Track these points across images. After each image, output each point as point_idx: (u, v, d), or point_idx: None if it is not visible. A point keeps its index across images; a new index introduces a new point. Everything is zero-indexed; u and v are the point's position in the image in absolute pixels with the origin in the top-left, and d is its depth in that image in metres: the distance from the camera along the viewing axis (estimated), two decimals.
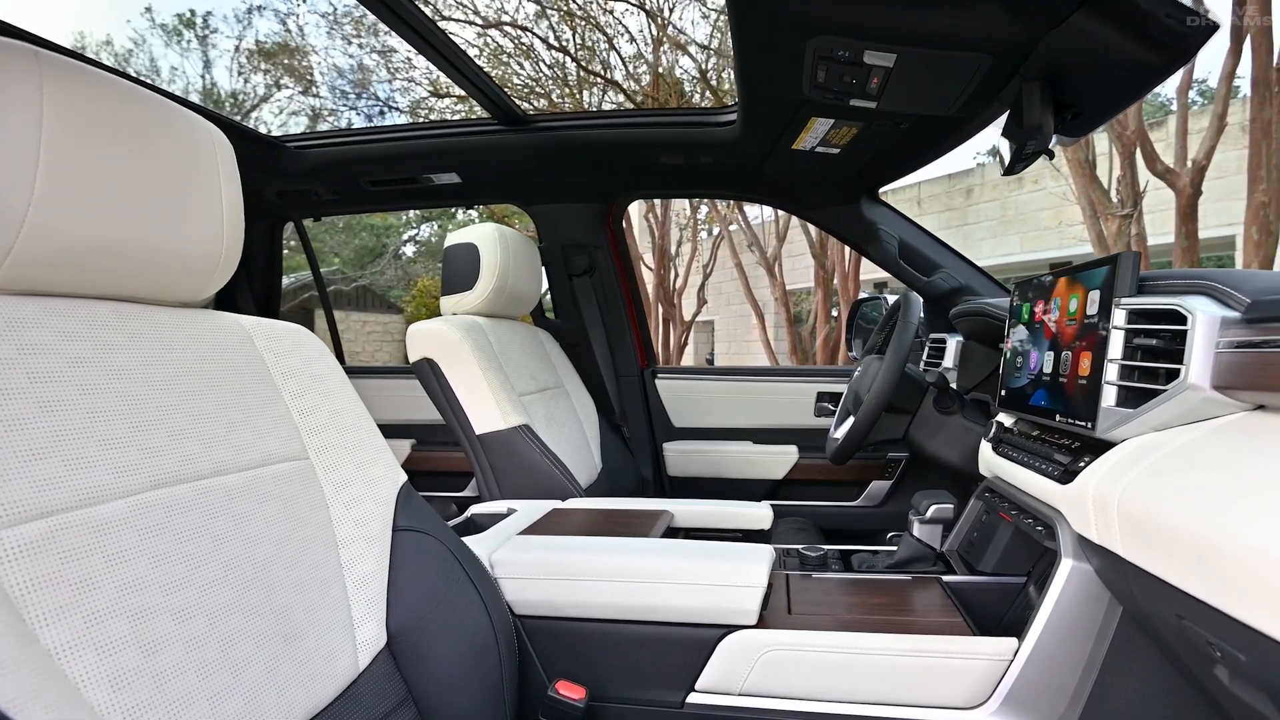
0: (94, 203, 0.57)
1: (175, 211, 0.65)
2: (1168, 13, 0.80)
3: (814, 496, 1.98)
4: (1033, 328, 1.04)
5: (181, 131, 0.66)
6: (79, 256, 0.58)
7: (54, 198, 0.54)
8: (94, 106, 0.58)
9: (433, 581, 0.83)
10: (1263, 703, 0.56)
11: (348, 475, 0.81)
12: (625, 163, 1.80)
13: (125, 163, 0.60)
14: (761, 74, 1.15)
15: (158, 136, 0.63)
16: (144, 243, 0.62)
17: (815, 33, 0.97)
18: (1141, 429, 0.75)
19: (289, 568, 0.69)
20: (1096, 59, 0.93)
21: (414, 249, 18.79)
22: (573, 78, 8.34)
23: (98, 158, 0.57)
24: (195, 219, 0.67)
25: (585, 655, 0.91)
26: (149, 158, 0.62)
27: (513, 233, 1.66)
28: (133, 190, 0.61)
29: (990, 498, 1.10)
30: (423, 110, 8.99)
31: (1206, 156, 4.17)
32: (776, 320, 11.11)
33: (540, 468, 1.42)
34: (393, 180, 1.90)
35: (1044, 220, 9.19)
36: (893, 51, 0.98)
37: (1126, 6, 0.82)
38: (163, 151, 0.64)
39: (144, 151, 0.62)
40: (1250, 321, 0.66)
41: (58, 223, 0.55)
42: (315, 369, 0.83)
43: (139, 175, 0.61)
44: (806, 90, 1.15)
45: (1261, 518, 0.52)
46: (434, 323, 1.48)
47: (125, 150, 0.60)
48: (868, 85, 1.09)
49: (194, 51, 12.72)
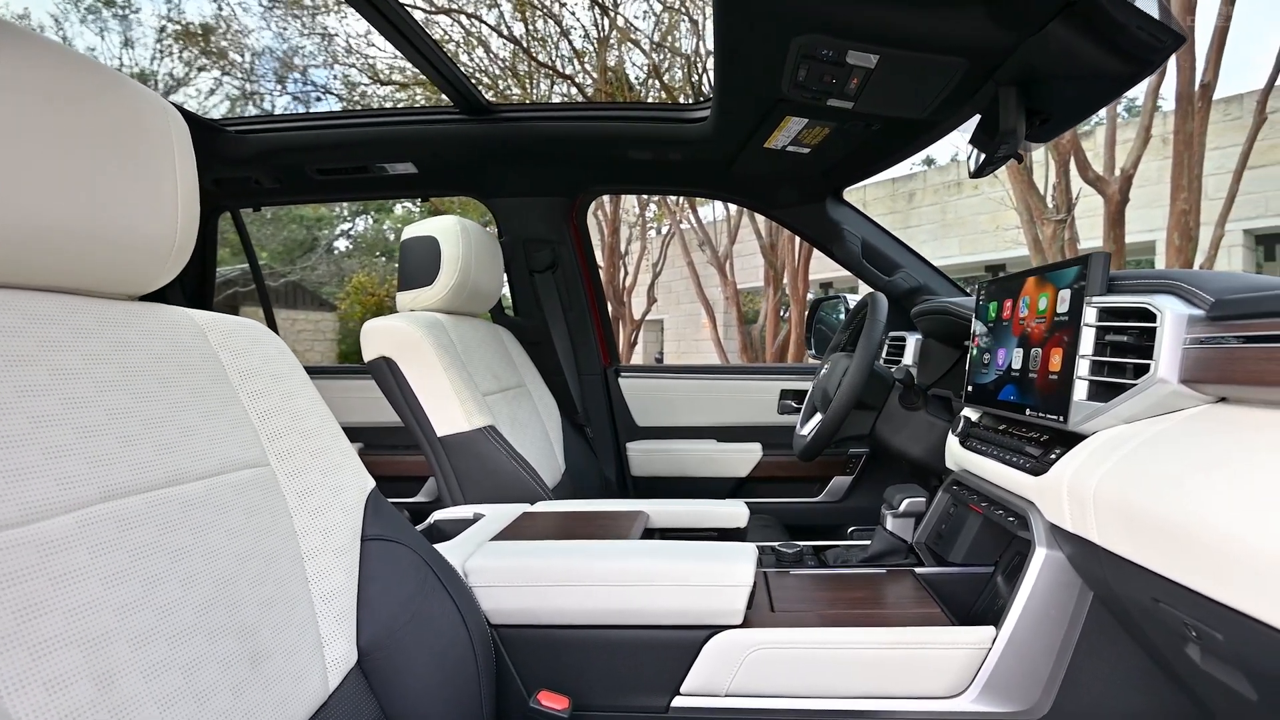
0: (34, 182, 0.52)
1: (126, 193, 0.60)
2: (1139, 25, 0.84)
3: (777, 493, 2.00)
4: (1000, 325, 1.08)
5: (132, 105, 0.61)
6: (18, 242, 0.52)
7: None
8: (34, 73, 0.52)
9: (406, 593, 0.79)
10: (1236, 679, 0.59)
11: (312, 482, 0.76)
12: (592, 157, 1.78)
13: (69, 138, 0.55)
14: (742, 70, 1.15)
15: (106, 110, 0.58)
16: (91, 227, 0.57)
17: (802, 30, 0.98)
18: (1112, 421, 0.78)
19: (253, 583, 0.64)
20: (1068, 67, 0.97)
21: (348, 243, 18.23)
22: (523, 69, 8.24)
23: (37, 130, 0.52)
24: (147, 202, 0.62)
25: (567, 664, 0.89)
26: (96, 133, 0.57)
27: (474, 226, 1.62)
28: (78, 168, 0.55)
29: (958, 490, 1.14)
30: (360, 97, 8.72)
31: (1134, 166, 4.44)
32: (727, 319, 11.24)
33: (507, 470, 1.39)
34: (343, 169, 1.83)
35: (982, 224, 9.61)
36: (875, 52, 1.00)
37: (1101, 17, 0.86)
38: (111, 127, 0.58)
39: (90, 125, 0.57)
40: (1214, 319, 0.69)
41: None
42: (275, 368, 0.78)
43: (85, 152, 0.56)
44: (785, 88, 1.16)
45: (1236, 504, 0.55)
46: (392, 319, 1.43)
47: (69, 123, 0.55)
48: (847, 85, 1.11)
49: (113, 30, 11.97)
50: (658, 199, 10.83)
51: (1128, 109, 7.93)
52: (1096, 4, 0.83)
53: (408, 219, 17.33)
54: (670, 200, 9.85)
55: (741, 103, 1.31)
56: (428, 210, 10.41)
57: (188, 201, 0.66)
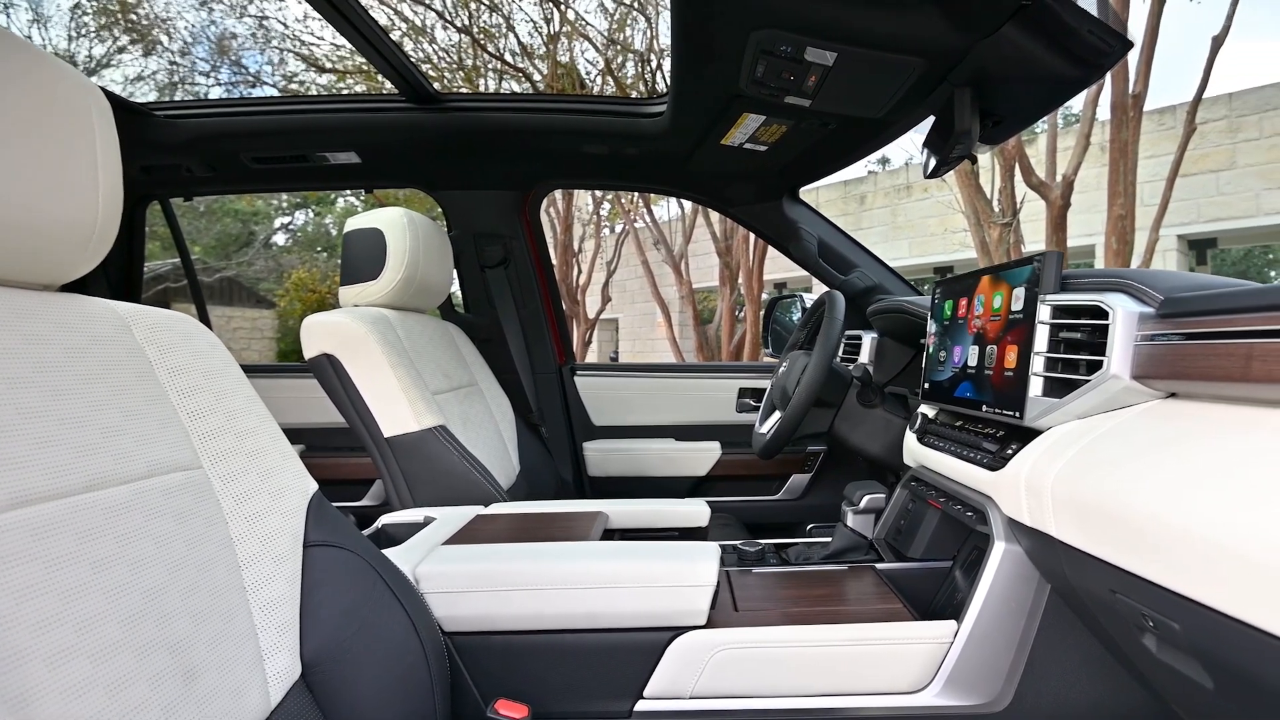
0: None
1: (40, 175, 0.55)
2: (1090, 29, 0.87)
3: (736, 492, 2.02)
4: (955, 324, 1.10)
5: (48, 81, 0.56)
6: None
7: None
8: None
9: (352, 601, 0.76)
10: (1192, 667, 0.61)
11: (249, 486, 0.73)
12: (545, 150, 1.75)
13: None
14: (700, 65, 1.14)
15: (16, 83, 0.54)
16: (3, 211, 0.53)
17: (761, 25, 0.98)
18: (1066, 417, 0.81)
19: (186, 594, 0.60)
20: (1021, 69, 1.00)
21: (287, 238, 17.64)
22: (469, 63, 8.11)
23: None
24: (65, 186, 0.58)
25: (525, 670, 0.87)
26: (5, 108, 0.53)
27: (422, 218, 1.57)
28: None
29: (916, 486, 1.16)
30: (298, 86, 8.44)
31: (1074, 172, 4.64)
32: (682, 319, 11.31)
33: (459, 471, 1.35)
34: (281, 158, 1.75)
35: (931, 227, 9.91)
36: (834, 50, 1.01)
37: (1053, 21, 0.88)
38: (23, 102, 0.54)
39: (3, 101, 0.52)
40: (1164, 316, 0.72)
41: None
42: (207, 364, 0.74)
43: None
44: (743, 84, 1.16)
45: (1191, 497, 0.57)
46: (335, 314, 1.38)
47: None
48: (805, 83, 1.12)
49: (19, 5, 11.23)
50: (612, 197, 10.83)
51: (1066, 118, 8.33)
52: (1049, 7, 0.86)
53: (350, 213, 16.86)
54: (625, 198, 9.85)
55: (699, 98, 1.30)
56: (371, 204, 10.14)
57: (110, 186, 0.62)
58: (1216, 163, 7.50)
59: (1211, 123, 7.12)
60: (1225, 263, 9.33)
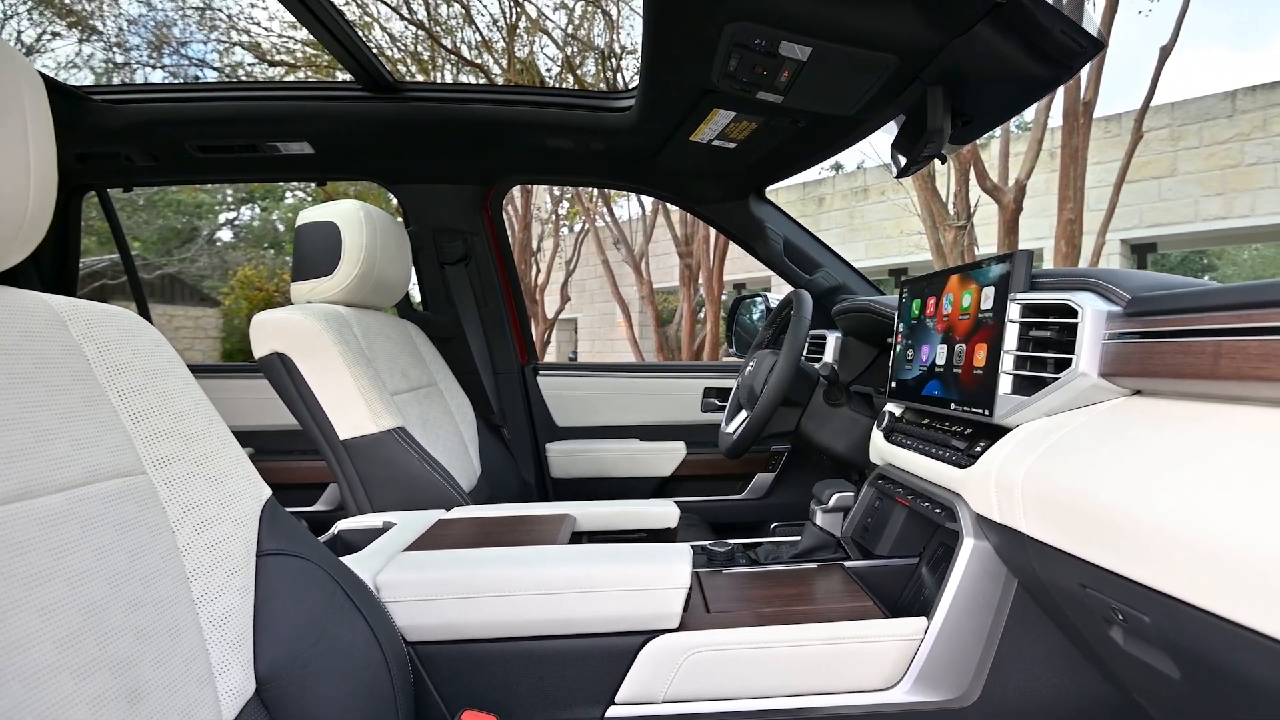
0: None
1: None
2: (1063, 29, 0.89)
3: (701, 491, 2.01)
4: (923, 322, 1.12)
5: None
6: None
7: None
8: None
9: (310, 612, 0.73)
10: (1160, 659, 0.62)
11: (198, 492, 0.69)
12: (508, 143, 1.72)
13: None
14: (671, 57, 1.13)
15: None
16: None
17: (736, 17, 0.97)
18: (1035, 414, 0.82)
19: (129, 610, 0.57)
20: (992, 69, 1.01)
21: (232, 234, 17.07)
22: (425, 56, 7.97)
23: None
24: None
25: (492, 680, 0.84)
26: None
27: (380, 212, 1.53)
28: None
29: (883, 484, 1.17)
30: (245, 77, 8.16)
31: (1027, 176, 4.80)
32: (643, 319, 11.32)
33: (419, 475, 1.31)
34: (229, 147, 1.68)
35: (887, 229, 10.13)
36: (809, 45, 1.01)
37: (1027, 20, 0.90)
38: None
39: None
40: (1131, 315, 0.74)
41: None
42: (150, 363, 0.70)
43: None
44: (715, 79, 1.15)
45: (1161, 493, 0.58)
46: (286, 311, 1.32)
47: None
48: (778, 78, 1.11)
49: None
50: (571, 195, 10.78)
51: (1018, 124, 8.65)
52: (1023, 6, 0.87)
53: (300, 208, 16.39)
54: (585, 197, 9.81)
55: (669, 92, 1.29)
56: (320, 198, 9.90)
57: (42, 170, 0.58)
58: (1158, 170, 7.87)
59: (1154, 131, 7.45)
60: (1164, 267, 9.79)
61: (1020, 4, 0.87)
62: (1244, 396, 0.59)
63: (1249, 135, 7.36)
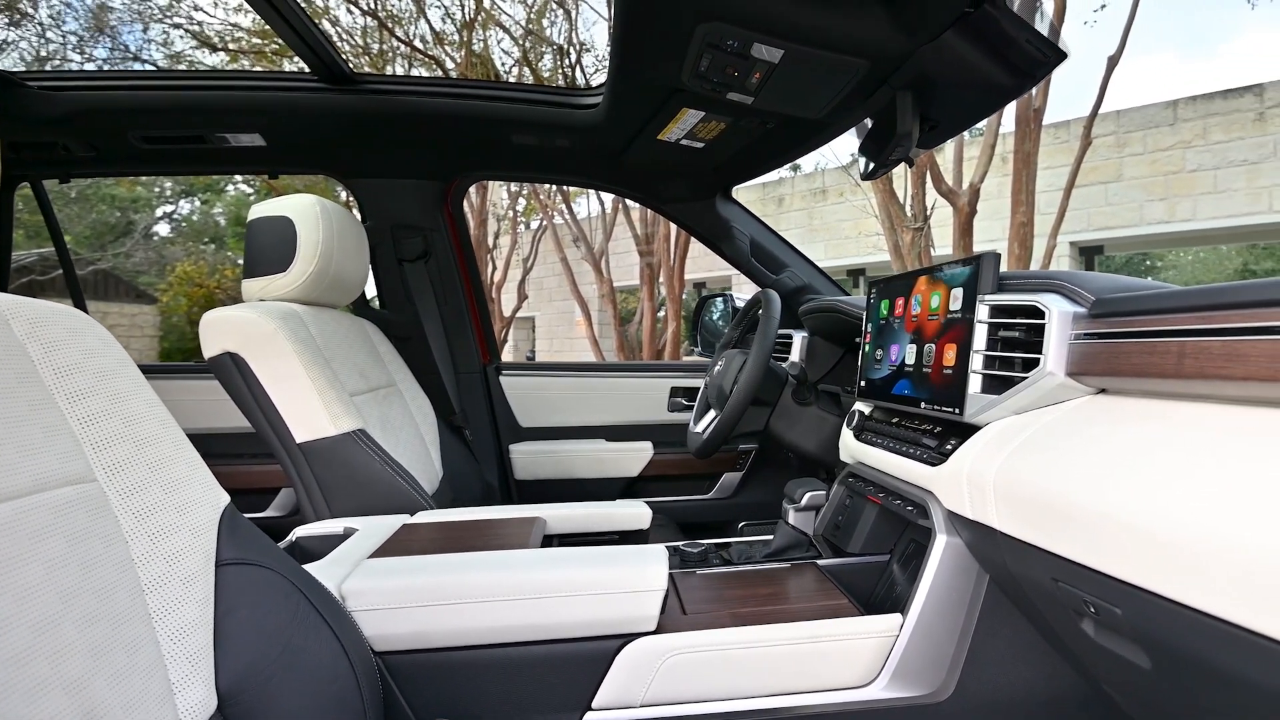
0: None
1: None
2: (1028, 39, 0.93)
3: (668, 492, 2.02)
4: (892, 322, 1.14)
5: None
6: None
7: None
8: None
9: (274, 623, 0.70)
10: (1131, 649, 0.65)
11: (152, 499, 0.66)
12: (470, 138, 1.69)
13: None
14: (642, 55, 1.13)
15: None
16: None
17: (709, 17, 0.98)
18: (1004, 413, 0.85)
19: (82, 626, 0.54)
20: (959, 76, 1.04)
21: (170, 227, 16.44)
22: (376, 48, 7.81)
23: None
24: None
25: (464, 689, 0.83)
26: None
27: (336, 207, 1.49)
28: None
29: (854, 482, 1.19)
30: (186, 65, 7.87)
31: (981, 180, 4.95)
32: (602, 317, 11.30)
33: (381, 479, 1.28)
34: (175, 138, 1.61)
35: (845, 230, 10.33)
36: (780, 47, 1.02)
37: (994, 29, 0.93)
38: None
39: None
40: (1096, 316, 0.77)
41: None
42: (100, 363, 0.67)
43: None
44: (686, 78, 1.15)
45: (1131, 488, 0.60)
46: (239, 309, 1.28)
47: None
48: (749, 80, 1.13)
49: None
50: (528, 192, 10.69)
51: (972, 130, 8.94)
52: (991, 16, 0.90)
53: (242, 201, 15.88)
54: (543, 193, 9.75)
55: (638, 90, 1.29)
56: (265, 191, 9.58)
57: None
58: (1105, 175, 8.22)
59: (1101, 138, 7.78)
60: (1110, 268, 10.24)
61: (988, 14, 0.90)
62: (1207, 395, 0.62)
63: (1190, 143, 7.76)
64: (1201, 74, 62.67)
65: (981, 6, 0.89)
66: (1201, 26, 65.59)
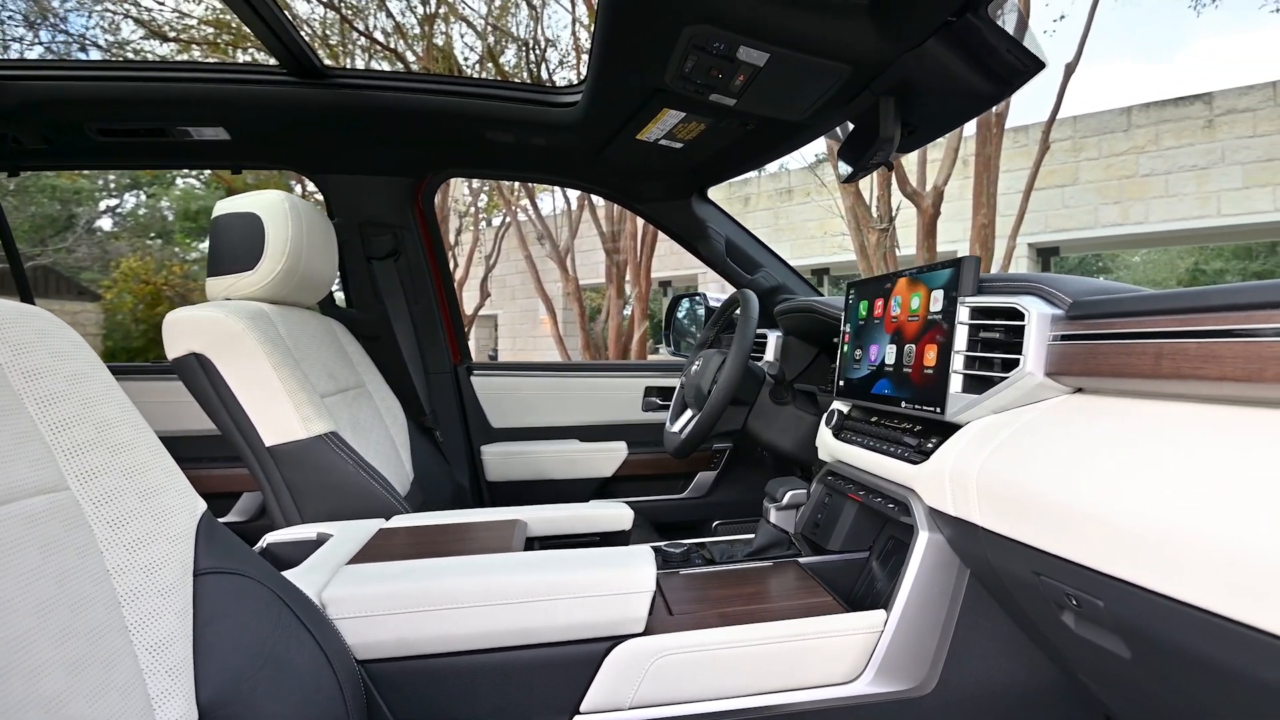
0: None
1: None
2: (1009, 48, 0.95)
3: (642, 492, 2.02)
4: (871, 323, 1.16)
5: None
6: None
7: None
8: None
9: (256, 633, 0.68)
10: (1111, 640, 0.67)
11: (127, 508, 0.64)
12: (444, 135, 1.67)
13: None
14: (625, 55, 1.13)
15: None
16: None
17: (698, 20, 0.98)
18: (983, 412, 0.87)
19: (58, 641, 0.52)
20: (940, 82, 1.07)
21: (114, 222, 15.87)
22: (334, 41, 7.66)
23: None
24: None
25: (450, 696, 0.82)
26: None
27: (304, 203, 1.45)
28: None
29: (833, 480, 1.21)
30: (133, 55, 7.59)
31: (944, 182, 5.07)
32: (566, 316, 11.25)
33: (354, 482, 1.26)
34: (134, 130, 1.56)
35: (811, 230, 10.48)
36: (767, 51, 1.03)
37: (976, 39, 0.95)
38: None
39: None
40: (1073, 318, 0.80)
41: None
42: (71, 366, 0.64)
43: None
44: (669, 79, 1.16)
45: (1113, 485, 0.63)
46: (205, 309, 1.24)
47: None
48: (733, 82, 1.13)
49: None
50: (490, 188, 10.60)
51: None
52: (973, 25, 0.92)
53: (191, 195, 15.39)
54: (506, 189, 9.66)
55: (619, 90, 1.29)
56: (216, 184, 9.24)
57: None
58: (1061, 179, 8.51)
59: (1058, 142, 8.06)
60: (1064, 268, 10.60)
61: (971, 23, 0.92)
62: (1182, 394, 0.65)
63: (1143, 148, 8.08)
64: (1159, 79, 65.30)
65: (965, 15, 0.91)
66: (1159, 33, 68.21)
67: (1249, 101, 7.63)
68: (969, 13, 0.91)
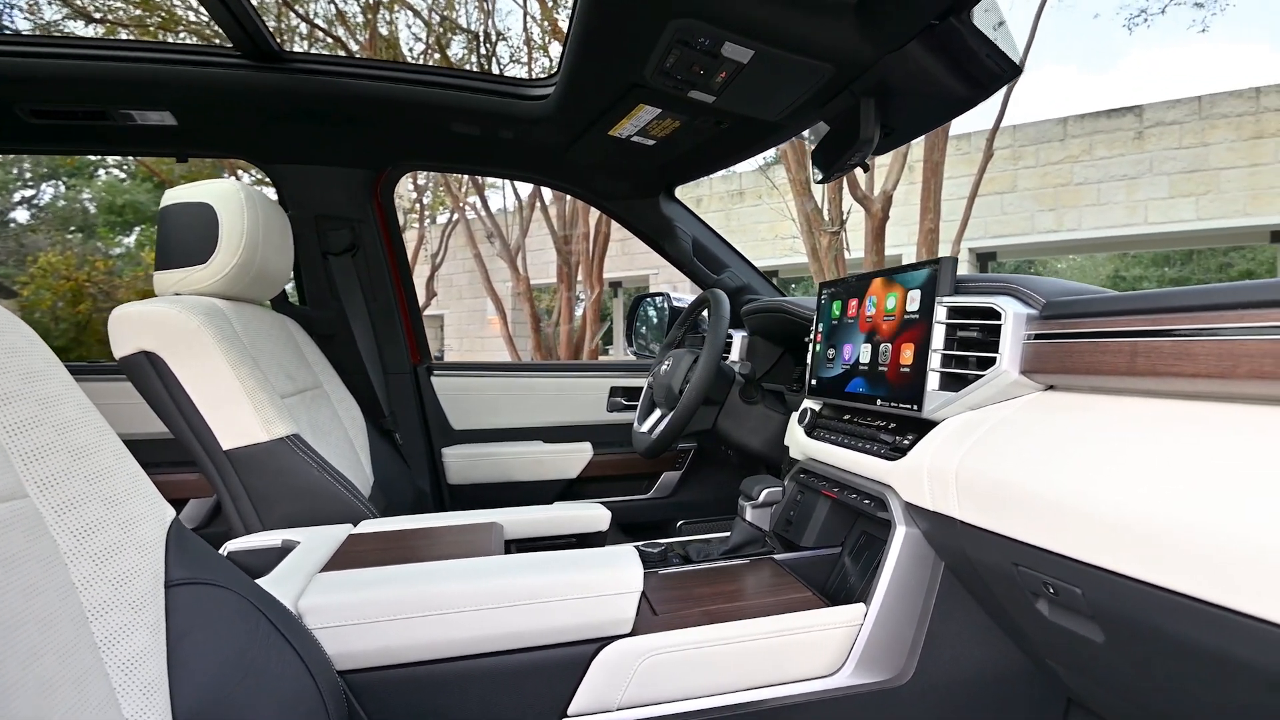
0: None
1: None
2: (988, 53, 0.98)
3: (607, 492, 2.01)
4: (844, 323, 1.19)
5: None
6: None
7: None
8: None
9: (233, 646, 0.65)
10: (1085, 626, 0.70)
11: (93, 516, 0.60)
12: (406, 125, 1.63)
13: None
14: (605, 47, 1.12)
15: None
16: None
17: (684, 14, 0.97)
18: (960, 409, 0.90)
19: (26, 661, 0.48)
20: (919, 85, 1.09)
21: (30, 214, 14.97)
22: (273, 24, 7.39)
23: None
24: None
25: (433, 703, 0.80)
26: None
27: (260, 194, 1.39)
28: None
29: (805, 478, 1.23)
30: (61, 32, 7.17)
31: (894, 187, 5.22)
32: (516, 316, 11.13)
33: (318, 487, 1.21)
34: (71, 113, 1.47)
35: (761, 232, 10.63)
36: (751, 48, 1.03)
37: (957, 43, 0.98)
38: None
39: None
40: (1046, 318, 0.83)
41: None
42: (26, 364, 0.60)
43: None
44: (648, 74, 1.15)
45: (1091, 477, 0.66)
46: (156, 304, 1.18)
47: None
48: (714, 78, 1.13)
49: None
50: (435, 183, 10.40)
51: None
52: (954, 30, 0.95)
53: (115, 188, 14.62)
54: (454, 185, 9.50)
55: (595, 84, 1.28)
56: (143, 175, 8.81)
57: None
58: (1000, 186, 8.88)
59: (998, 150, 8.39)
60: (1000, 271, 11.05)
61: (952, 27, 0.95)
62: (1154, 390, 0.69)
63: (1077, 158, 8.50)
64: (1100, 87, 68.67)
65: (948, 19, 0.94)
66: (1103, 41, 71.57)
67: (1175, 115, 8.11)
68: (952, 16, 0.94)
